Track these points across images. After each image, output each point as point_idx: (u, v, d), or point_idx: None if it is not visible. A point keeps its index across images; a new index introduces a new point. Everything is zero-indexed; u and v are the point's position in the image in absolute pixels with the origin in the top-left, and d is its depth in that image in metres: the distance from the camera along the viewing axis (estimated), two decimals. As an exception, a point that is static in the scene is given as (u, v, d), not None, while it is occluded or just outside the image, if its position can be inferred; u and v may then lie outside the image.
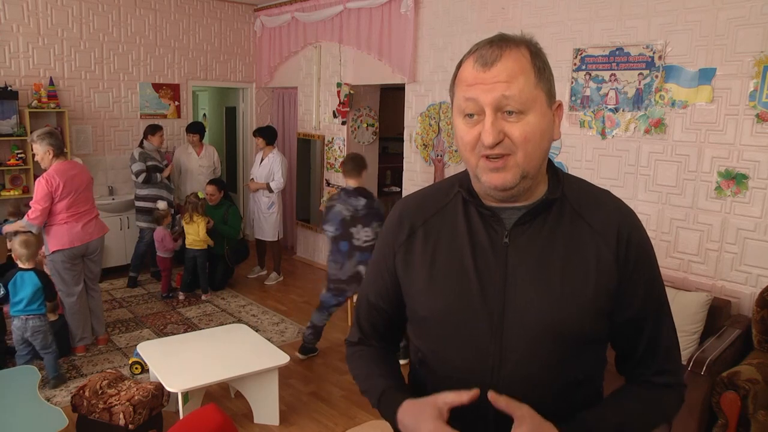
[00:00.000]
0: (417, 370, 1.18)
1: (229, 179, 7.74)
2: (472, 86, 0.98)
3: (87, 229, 3.92)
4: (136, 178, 5.42)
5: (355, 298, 3.94)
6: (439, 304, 1.07)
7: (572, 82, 3.94)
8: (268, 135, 5.72)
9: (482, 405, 1.04)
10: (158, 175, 5.48)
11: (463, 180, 1.11)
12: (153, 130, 5.54)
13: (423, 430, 0.99)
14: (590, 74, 3.83)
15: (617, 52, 3.68)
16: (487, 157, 0.98)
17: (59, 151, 3.85)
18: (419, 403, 1.04)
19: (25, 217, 3.85)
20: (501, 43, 0.98)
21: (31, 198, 5.41)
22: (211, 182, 5.54)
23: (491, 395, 0.97)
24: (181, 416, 2.90)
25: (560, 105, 1.04)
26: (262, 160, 5.75)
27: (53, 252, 3.84)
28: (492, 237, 1.06)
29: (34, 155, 5.32)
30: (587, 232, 1.04)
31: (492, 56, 0.97)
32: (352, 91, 5.78)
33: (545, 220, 1.05)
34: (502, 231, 1.05)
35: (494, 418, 1.03)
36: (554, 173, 1.10)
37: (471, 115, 0.99)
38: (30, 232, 3.77)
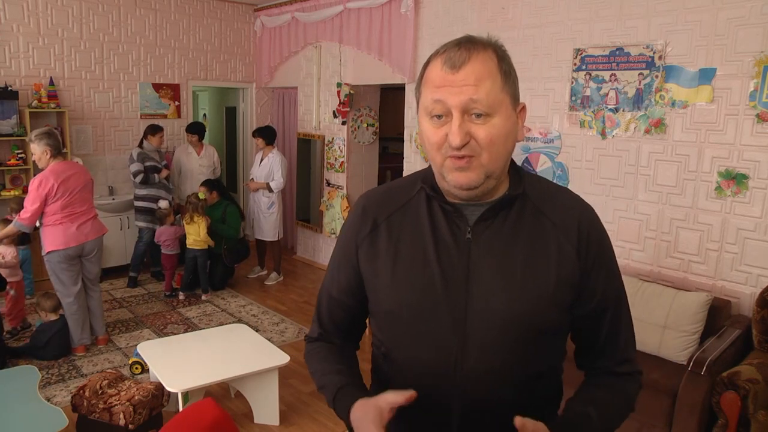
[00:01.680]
0: (380, 364, 1.19)
1: (229, 179, 7.75)
2: (440, 88, 0.99)
3: (83, 230, 3.90)
4: (134, 178, 5.43)
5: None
6: (402, 298, 1.09)
7: (572, 82, 3.94)
8: (267, 135, 5.72)
9: (445, 404, 1.06)
10: (156, 176, 5.49)
11: (426, 176, 1.13)
12: (153, 130, 5.54)
13: None
14: (590, 74, 3.83)
15: (617, 52, 3.68)
16: (453, 156, 1.00)
17: (57, 152, 3.83)
18: (365, 404, 1.05)
19: (17, 217, 3.85)
20: (469, 45, 0.99)
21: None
22: (202, 184, 5.51)
23: (518, 420, 0.97)
24: (181, 416, 2.90)
25: (524, 107, 1.07)
26: (261, 160, 5.75)
27: (49, 252, 3.84)
28: (455, 233, 1.08)
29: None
30: (549, 228, 1.07)
31: (460, 59, 0.98)
32: (352, 91, 5.78)
33: (507, 216, 1.08)
34: (465, 227, 1.07)
35: (458, 420, 1.06)
36: (516, 172, 1.12)
37: (439, 116, 1.00)
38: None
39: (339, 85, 5.84)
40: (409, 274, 1.09)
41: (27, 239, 5.03)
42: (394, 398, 1.02)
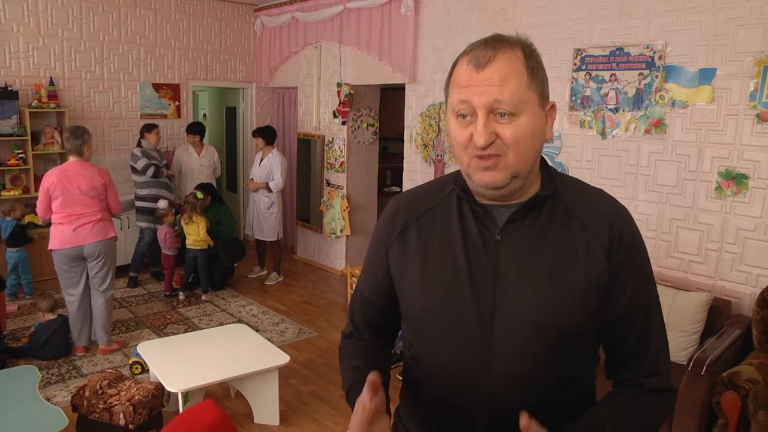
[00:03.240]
0: (410, 366, 1.19)
1: (229, 179, 7.75)
2: (465, 88, 0.98)
3: (80, 233, 3.85)
4: (144, 173, 5.39)
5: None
6: (430, 300, 1.08)
7: (572, 82, 3.93)
8: (267, 135, 5.72)
9: (472, 407, 1.05)
10: (164, 170, 5.51)
11: (458, 178, 1.12)
12: (149, 128, 5.55)
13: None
14: (590, 74, 3.83)
15: (617, 52, 3.68)
16: (479, 156, 1.00)
17: (73, 150, 3.88)
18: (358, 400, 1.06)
19: None
20: (495, 43, 0.98)
21: (30, 198, 5.46)
22: (196, 187, 5.52)
23: (523, 420, 0.93)
24: (181, 416, 2.89)
25: (553, 106, 1.05)
26: (261, 160, 5.75)
27: (51, 251, 3.90)
28: (484, 234, 1.07)
29: (34, 155, 5.38)
30: (579, 229, 1.05)
31: (485, 57, 0.97)
32: (352, 91, 5.78)
33: (537, 217, 1.06)
34: (494, 228, 1.06)
35: (483, 423, 1.05)
36: (547, 172, 1.11)
37: (464, 116, 1.00)
38: None
39: (339, 85, 5.83)
40: (438, 275, 1.08)
41: (24, 241, 5.00)
42: (365, 393, 1.02)
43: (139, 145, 5.55)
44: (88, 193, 3.86)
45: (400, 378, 1.28)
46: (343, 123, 5.95)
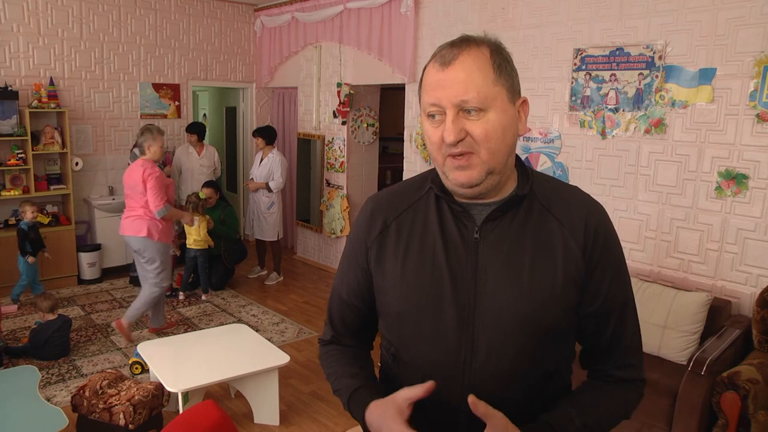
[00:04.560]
0: (389, 366, 1.19)
1: (229, 179, 7.75)
2: (433, 87, 1.00)
3: (122, 224, 4.15)
4: None
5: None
6: (410, 298, 1.09)
7: (572, 82, 3.93)
8: (267, 135, 5.72)
9: (453, 405, 1.06)
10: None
11: (435, 176, 1.13)
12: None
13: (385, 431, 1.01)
14: (590, 74, 3.83)
15: (617, 52, 3.68)
16: (452, 155, 1.01)
17: (139, 148, 4.13)
18: (382, 403, 1.05)
19: None
20: (461, 43, 1.00)
21: (29, 197, 5.45)
22: (207, 185, 5.53)
23: (471, 399, 0.98)
24: (181, 416, 2.89)
25: (525, 101, 1.06)
26: (261, 160, 5.75)
27: None
28: (463, 232, 1.08)
29: (34, 155, 5.37)
30: (556, 227, 1.07)
31: (450, 56, 0.99)
32: (352, 91, 5.79)
33: (515, 215, 1.07)
34: (473, 227, 1.07)
35: (466, 421, 1.05)
36: (523, 170, 1.12)
37: (434, 116, 1.01)
38: None
39: (339, 85, 5.84)
40: (418, 274, 1.09)
41: (24, 249, 4.84)
42: (411, 393, 1.02)
43: (136, 145, 5.54)
44: (132, 188, 4.07)
45: None
46: (343, 123, 5.95)
